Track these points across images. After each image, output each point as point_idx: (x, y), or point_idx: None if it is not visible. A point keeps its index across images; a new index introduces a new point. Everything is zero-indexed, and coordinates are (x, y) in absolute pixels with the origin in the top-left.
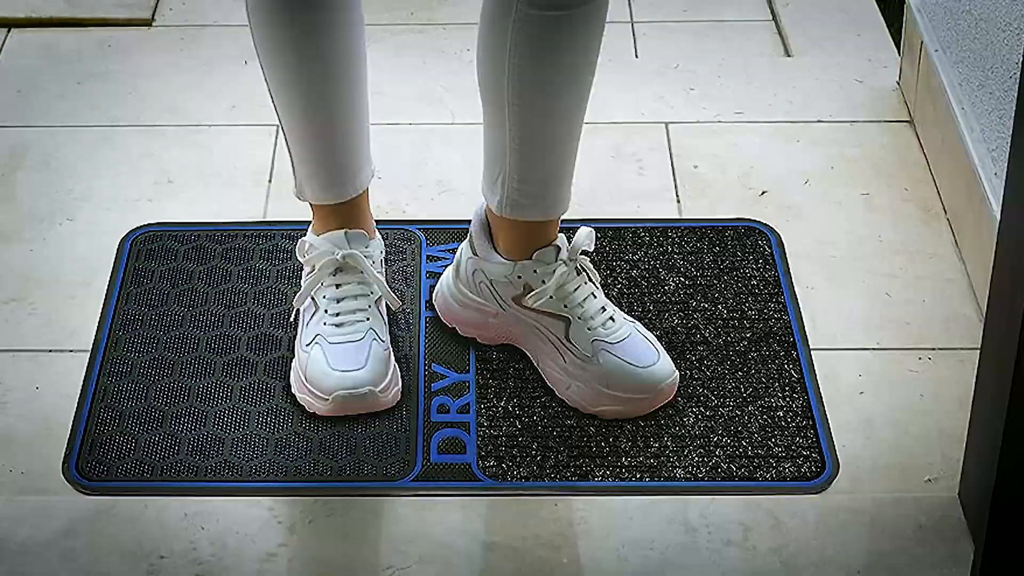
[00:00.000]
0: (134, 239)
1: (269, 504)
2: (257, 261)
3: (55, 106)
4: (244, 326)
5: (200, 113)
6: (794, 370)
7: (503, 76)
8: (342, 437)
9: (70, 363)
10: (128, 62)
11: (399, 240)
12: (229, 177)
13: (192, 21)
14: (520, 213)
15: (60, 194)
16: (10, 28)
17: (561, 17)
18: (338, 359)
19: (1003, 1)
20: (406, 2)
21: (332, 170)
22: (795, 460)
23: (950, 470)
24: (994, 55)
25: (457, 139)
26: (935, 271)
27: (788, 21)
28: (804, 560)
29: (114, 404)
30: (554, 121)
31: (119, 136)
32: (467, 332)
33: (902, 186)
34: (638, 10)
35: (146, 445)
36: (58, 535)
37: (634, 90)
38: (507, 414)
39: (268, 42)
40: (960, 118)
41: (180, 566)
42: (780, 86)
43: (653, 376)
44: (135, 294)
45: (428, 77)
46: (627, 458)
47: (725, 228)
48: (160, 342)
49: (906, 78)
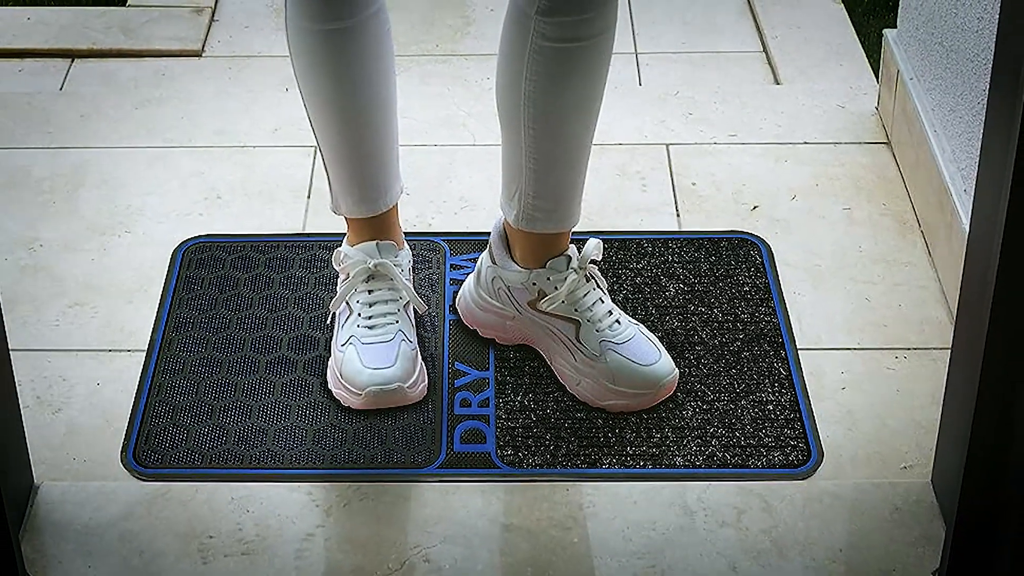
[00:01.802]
0: (185, 249)
1: (308, 489)
2: (297, 269)
3: (114, 129)
4: (285, 328)
5: (245, 136)
6: (782, 368)
7: (519, 102)
8: (374, 429)
9: (128, 362)
10: (180, 89)
11: (425, 250)
12: (271, 193)
13: (238, 52)
14: (535, 226)
15: (119, 209)
16: (74, 58)
17: (572, 49)
18: (370, 358)
19: (971, 35)
20: (431, 35)
21: (365, 186)
22: (783, 449)
23: (924, 458)
24: (963, 83)
25: (478, 159)
26: (910, 278)
27: (777, 52)
28: (791, 540)
29: (168, 399)
30: (566, 143)
31: (172, 156)
32: (487, 333)
33: (880, 201)
34: (641, 42)
35: (197, 436)
36: (117, 517)
37: (638, 115)
38: (523, 408)
39: (306, 64)
40: (933, 140)
41: (227, 545)
42: (770, 111)
43: (655, 373)
44: (186, 299)
45: (451, 103)
46: (631, 447)
47: (720, 240)
48: (209, 343)
49: (884, 104)
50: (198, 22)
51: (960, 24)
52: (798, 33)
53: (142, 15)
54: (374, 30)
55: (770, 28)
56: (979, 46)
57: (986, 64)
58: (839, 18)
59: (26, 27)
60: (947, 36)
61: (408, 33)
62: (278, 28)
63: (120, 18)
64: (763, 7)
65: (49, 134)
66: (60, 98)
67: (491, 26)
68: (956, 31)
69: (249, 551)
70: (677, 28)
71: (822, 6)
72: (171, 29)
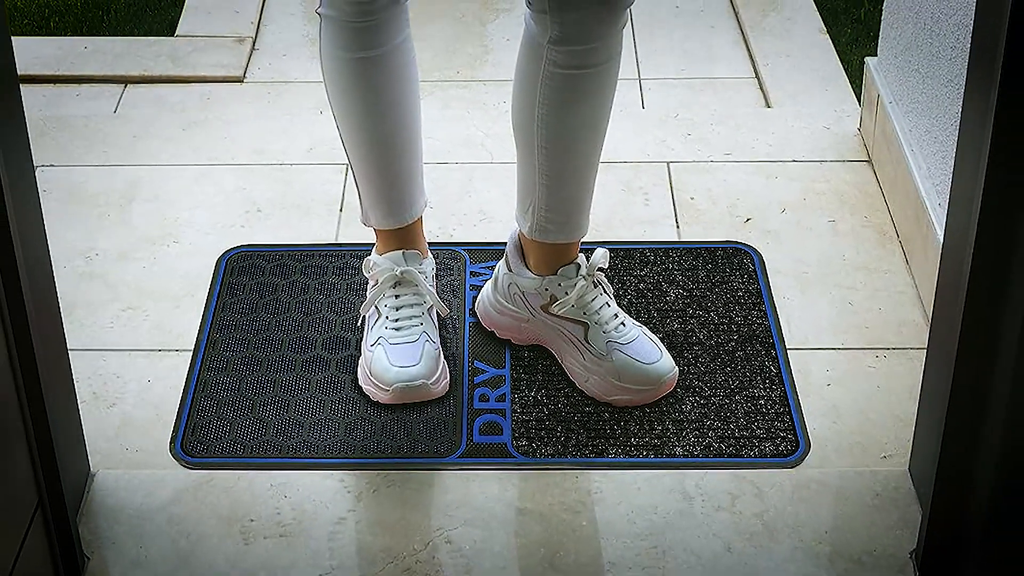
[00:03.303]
0: (228, 258)
1: (340, 477)
2: (330, 276)
3: (163, 148)
4: (319, 330)
5: (283, 154)
6: (773, 366)
7: (533, 124)
8: (400, 421)
9: (176, 361)
10: (223, 112)
11: (447, 259)
12: (307, 207)
13: (277, 78)
14: (547, 237)
15: (168, 221)
16: (127, 84)
17: (582, 75)
18: (397, 357)
19: (945, 62)
20: (453, 63)
21: (392, 201)
22: (774, 440)
23: (902, 448)
24: (938, 106)
25: (495, 176)
26: (889, 284)
27: (768, 78)
28: (781, 523)
29: (212, 394)
30: (575, 160)
31: (216, 173)
32: (503, 335)
33: (862, 214)
34: (645, 69)
35: (239, 428)
36: (166, 502)
37: (641, 135)
38: (536, 402)
39: (338, 89)
40: (910, 158)
41: (266, 527)
42: (761, 132)
43: (657, 371)
44: (230, 304)
45: (471, 124)
46: (635, 439)
47: (716, 249)
48: (250, 343)
49: (865, 125)
50: (240, 51)
51: (935, 52)
52: (787, 61)
53: (189, 44)
54: (401, 58)
55: (762, 56)
56: (952, 73)
57: (959, 89)
58: (825, 47)
59: (83, 55)
60: (923, 64)
61: (431, 61)
62: (313, 56)
63: (169, 47)
64: (755, 37)
65: (104, 153)
66: (114, 120)
67: (507, 54)
68: (931, 59)
69: (286, 533)
70: (677, 56)
71: (809, 36)
72: (215, 57)
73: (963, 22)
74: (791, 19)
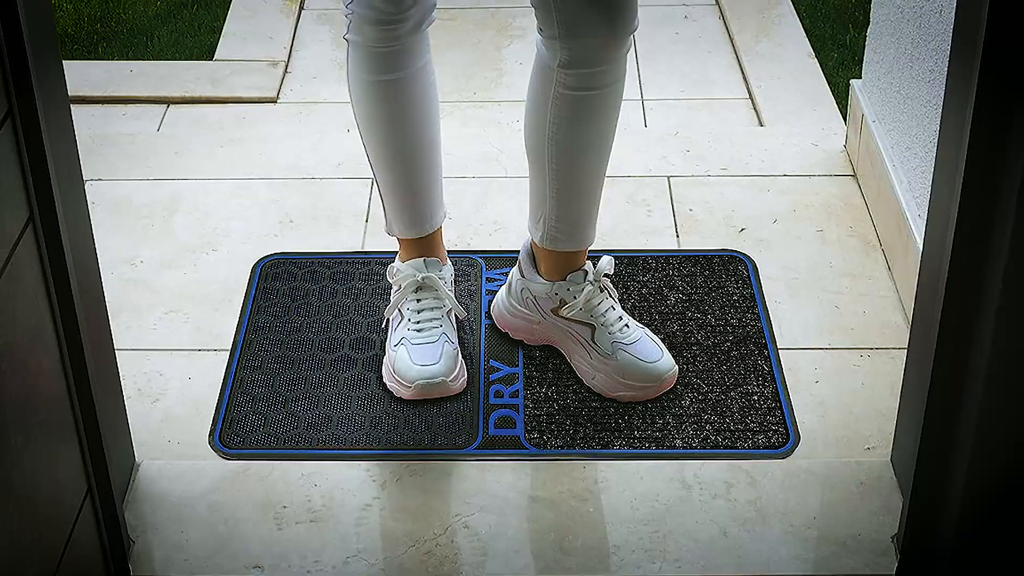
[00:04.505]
0: (263, 265)
1: (366, 467)
2: (356, 282)
3: (203, 164)
4: (347, 331)
5: (313, 170)
6: (765, 365)
7: (544, 141)
8: (421, 416)
9: (215, 359)
10: (258, 130)
11: (465, 266)
12: (335, 218)
13: (307, 99)
14: (557, 245)
15: (207, 231)
16: (169, 104)
17: (589, 96)
18: (418, 356)
19: (924, 84)
20: (470, 85)
21: (414, 212)
22: (766, 433)
23: (884, 441)
24: (917, 125)
25: (509, 189)
26: (873, 289)
27: (761, 99)
28: (773, 509)
29: (248, 390)
30: (583, 175)
31: (251, 187)
32: (517, 335)
33: (848, 225)
34: (647, 91)
35: (272, 422)
36: (205, 490)
37: (644, 151)
38: (547, 398)
39: (364, 109)
40: (892, 173)
41: (298, 513)
42: (755, 148)
43: (658, 369)
44: (264, 307)
45: (487, 142)
46: (638, 432)
47: (713, 257)
48: (283, 343)
49: (851, 143)
50: (273, 74)
51: (915, 75)
52: (778, 83)
53: (226, 68)
54: (422, 81)
55: (755, 79)
56: (931, 94)
57: (937, 109)
58: (813, 70)
59: (129, 78)
60: (904, 85)
61: (451, 83)
62: (341, 79)
63: (208, 70)
64: (749, 61)
65: (148, 168)
66: (157, 138)
67: (520, 77)
68: (912, 81)
69: (317, 519)
70: (677, 79)
71: (798, 60)
72: (251, 80)
73: (941, 47)
74: (782, 44)
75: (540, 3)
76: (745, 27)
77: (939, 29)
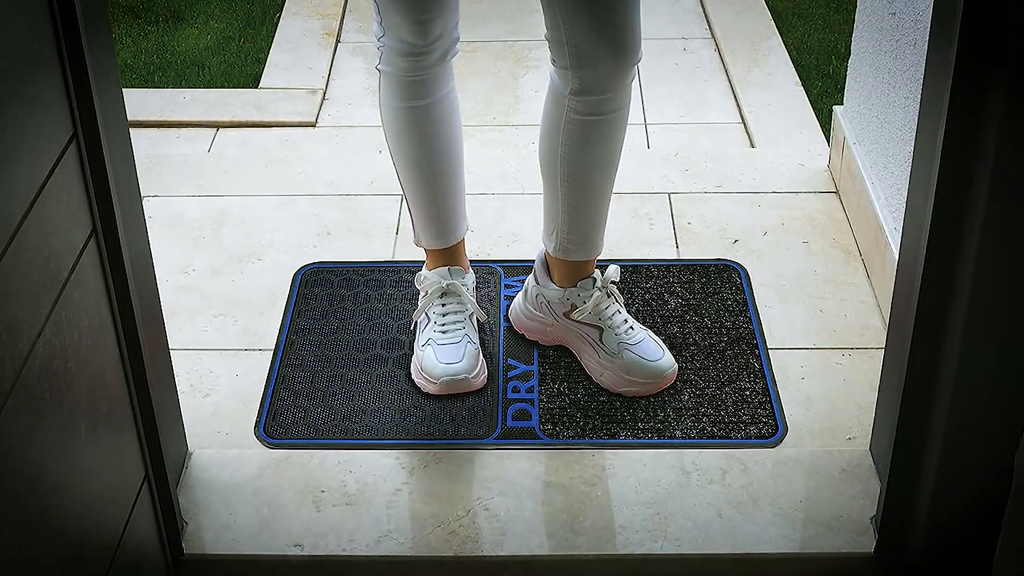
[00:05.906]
0: (303, 273)
1: (396, 455)
2: (388, 288)
3: (249, 182)
4: (379, 333)
5: (349, 187)
6: (756, 363)
7: (557, 161)
8: (446, 409)
9: (260, 358)
10: (299, 152)
11: (485, 274)
12: (368, 231)
13: (344, 123)
14: (568, 255)
15: (252, 242)
16: (218, 128)
17: (597, 120)
18: (443, 355)
19: (899, 110)
20: (490, 111)
21: (440, 225)
22: (757, 425)
23: (864, 432)
24: (893, 146)
25: (525, 204)
26: (853, 295)
27: (753, 123)
28: (763, 493)
29: (290, 386)
30: (591, 192)
31: (293, 202)
32: (532, 337)
33: (831, 237)
34: (650, 115)
35: (312, 414)
36: (251, 476)
37: (647, 170)
38: (559, 393)
39: (395, 132)
40: (870, 190)
41: (335, 497)
42: (747, 168)
43: (660, 367)
44: (304, 311)
45: (505, 162)
46: (642, 423)
47: (709, 266)
48: (321, 344)
49: (833, 163)
50: (313, 100)
51: (891, 102)
52: (768, 109)
53: (270, 95)
54: (447, 107)
55: (747, 105)
56: (905, 119)
57: (911, 133)
58: (799, 97)
59: (182, 104)
60: (881, 111)
61: (473, 109)
62: (373, 105)
63: (254, 97)
64: (742, 89)
65: (199, 185)
66: (208, 158)
67: (535, 104)
68: (888, 107)
69: (351, 502)
70: (677, 104)
71: (786, 89)
72: (292, 105)
73: (915, 76)
74: (771, 74)
75: (554, 37)
76: (738, 59)
77: (913, 60)
